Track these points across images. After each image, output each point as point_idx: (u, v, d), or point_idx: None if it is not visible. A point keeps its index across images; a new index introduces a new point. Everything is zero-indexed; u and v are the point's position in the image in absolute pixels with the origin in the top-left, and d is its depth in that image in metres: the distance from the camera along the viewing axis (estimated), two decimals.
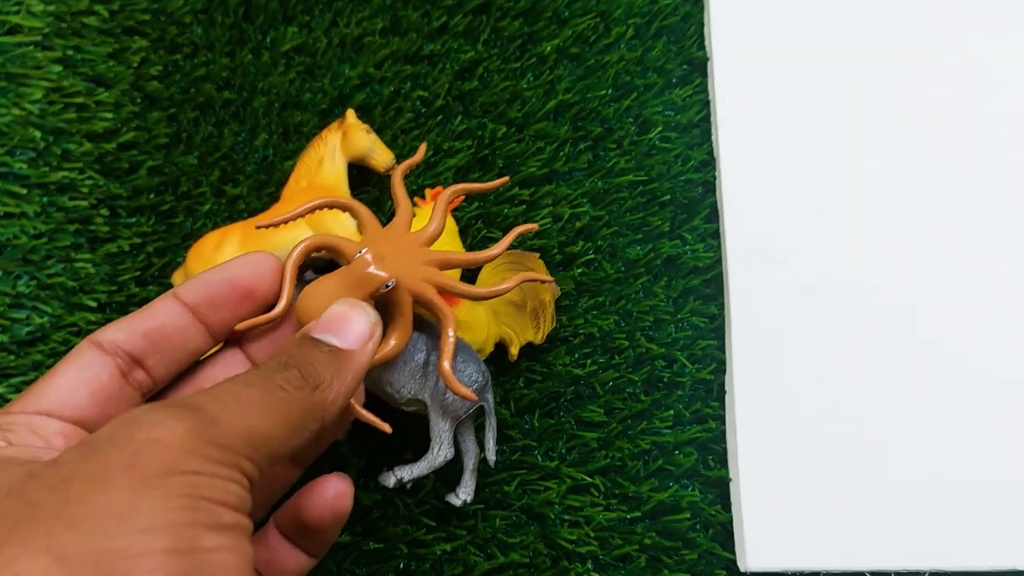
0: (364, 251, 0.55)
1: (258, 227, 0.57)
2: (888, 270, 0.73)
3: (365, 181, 0.74)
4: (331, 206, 0.61)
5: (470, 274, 0.70)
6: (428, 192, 0.71)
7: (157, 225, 0.72)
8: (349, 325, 0.51)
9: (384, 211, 0.74)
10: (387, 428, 0.54)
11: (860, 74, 0.78)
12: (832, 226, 0.74)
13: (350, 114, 0.72)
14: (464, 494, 0.63)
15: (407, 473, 0.60)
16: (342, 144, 0.71)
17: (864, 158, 0.76)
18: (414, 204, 0.71)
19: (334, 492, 0.50)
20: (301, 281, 0.57)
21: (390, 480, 0.60)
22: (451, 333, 0.58)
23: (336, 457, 0.68)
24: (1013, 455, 0.69)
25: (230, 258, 0.55)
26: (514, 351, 0.69)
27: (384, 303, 0.57)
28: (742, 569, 0.67)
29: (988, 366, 0.71)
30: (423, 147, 0.66)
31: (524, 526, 0.68)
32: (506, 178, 0.69)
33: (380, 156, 0.72)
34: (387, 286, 0.55)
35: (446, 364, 0.57)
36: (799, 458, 0.69)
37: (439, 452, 0.60)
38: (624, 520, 0.69)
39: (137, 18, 0.76)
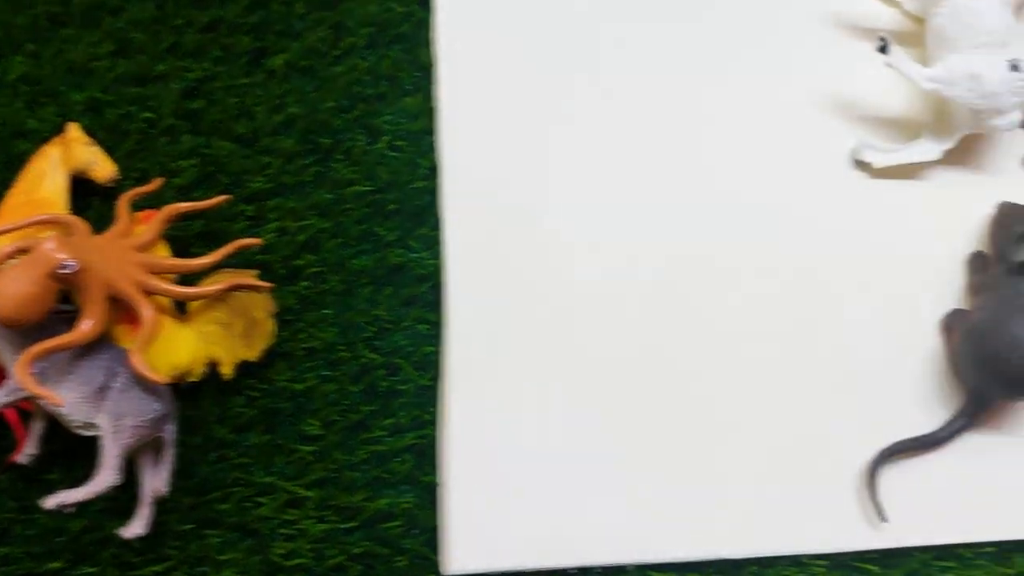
0: (48, 236, 0.60)
1: None
2: (604, 276, 0.74)
3: (92, 192, 0.74)
4: (50, 222, 0.66)
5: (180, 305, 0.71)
6: (139, 216, 0.71)
7: None
8: None
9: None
10: (59, 400, 0.60)
11: (582, 82, 0.79)
12: (551, 232, 0.74)
13: (72, 127, 0.72)
14: (137, 526, 0.63)
15: (69, 497, 0.61)
16: (64, 157, 0.72)
17: (584, 165, 0.76)
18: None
19: None
20: None
21: (50, 502, 0.61)
22: (148, 315, 0.63)
23: (43, 484, 0.68)
24: (715, 453, 0.70)
25: None
26: (226, 370, 0.70)
27: (74, 289, 0.61)
28: (443, 572, 0.67)
29: (697, 367, 0.72)
30: (157, 181, 0.71)
31: (237, 543, 0.69)
32: (226, 196, 0.70)
33: (102, 168, 0.73)
34: (65, 267, 0.59)
35: (138, 356, 0.61)
36: (508, 460, 0.69)
37: (104, 477, 0.61)
38: (339, 531, 0.69)
39: None
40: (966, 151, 0.80)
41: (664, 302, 0.73)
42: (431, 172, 0.77)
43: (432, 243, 0.75)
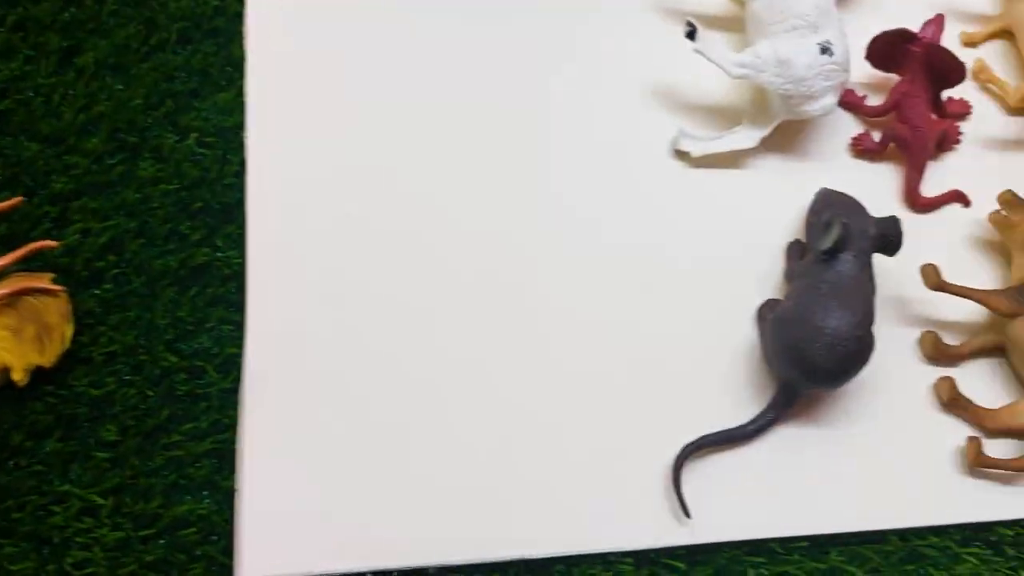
0: None
1: None
2: (410, 277, 0.72)
3: None
4: None
5: None
6: None
7: None
8: None
9: None
10: None
11: (394, 79, 0.77)
12: (355, 232, 0.73)
13: None
14: None
15: None
16: None
17: (394, 163, 0.75)
18: None
19: None
20: None
21: None
22: None
23: None
24: (519, 450, 0.69)
25: None
26: (18, 376, 0.68)
27: None
28: None
29: (503, 362, 0.71)
30: None
31: (31, 553, 0.67)
32: (20, 198, 0.69)
33: None
34: None
35: None
36: (305, 463, 0.68)
37: None
38: (135, 539, 0.68)
39: None
40: (791, 137, 0.79)
41: (471, 299, 0.72)
42: (242, 169, 0.75)
43: (239, 242, 0.74)
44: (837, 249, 0.68)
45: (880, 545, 0.71)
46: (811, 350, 0.66)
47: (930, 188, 0.80)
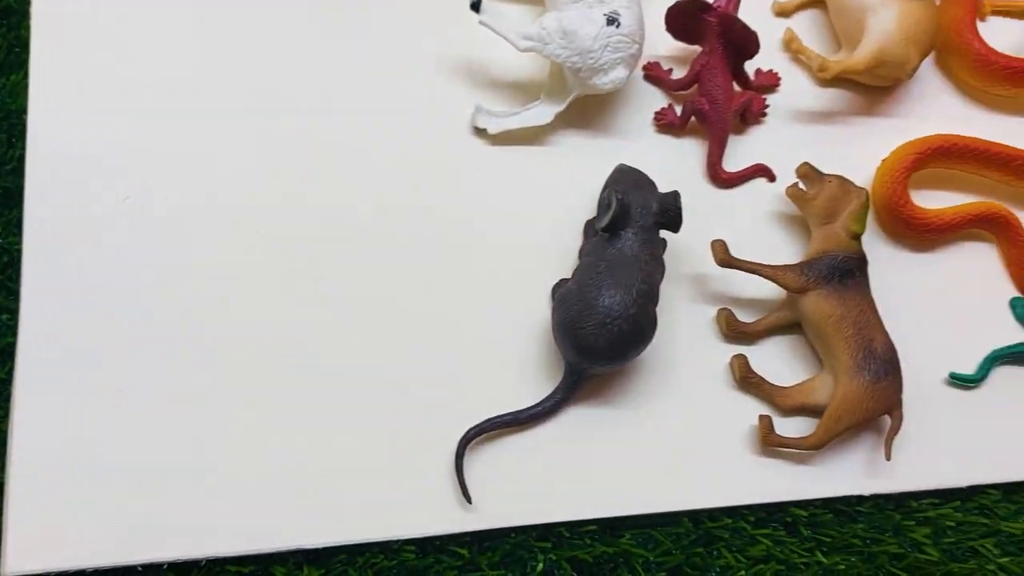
0: None
1: None
2: (188, 266, 0.70)
3: None
4: None
5: None
6: None
7: None
8: None
9: None
10: None
11: (179, 65, 0.75)
12: (136, 220, 0.71)
13: None
14: None
15: None
16: None
17: (176, 151, 0.73)
18: None
19: None
20: None
21: None
22: None
23: None
24: (297, 435, 0.68)
25: None
26: None
27: None
28: (2, 573, 0.64)
29: (284, 346, 0.70)
30: None
31: None
32: None
33: None
34: None
35: None
36: (76, 457, 0.66)
37: None
38: None
39: None
40: (595, 112, 0.78)
41: (254, 283, 0.70)
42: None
43: (21, 228, 0.72)
44: (615, 226, 0.67)
45: (672, 528, 0.70)
46: (584, 329, 0.65)
47: (738, 162, 0.79)
